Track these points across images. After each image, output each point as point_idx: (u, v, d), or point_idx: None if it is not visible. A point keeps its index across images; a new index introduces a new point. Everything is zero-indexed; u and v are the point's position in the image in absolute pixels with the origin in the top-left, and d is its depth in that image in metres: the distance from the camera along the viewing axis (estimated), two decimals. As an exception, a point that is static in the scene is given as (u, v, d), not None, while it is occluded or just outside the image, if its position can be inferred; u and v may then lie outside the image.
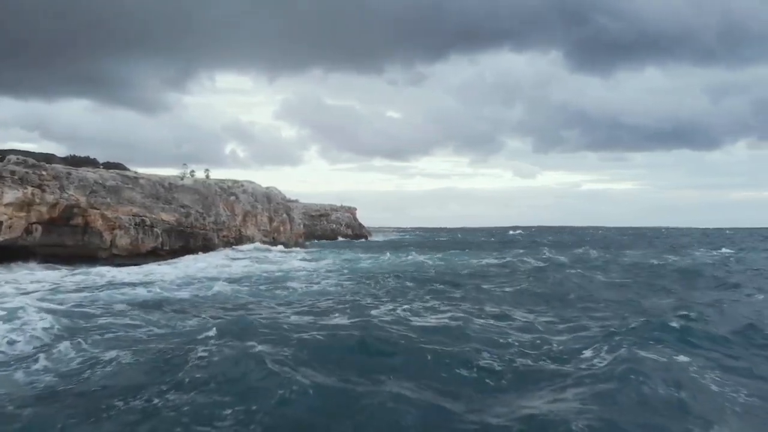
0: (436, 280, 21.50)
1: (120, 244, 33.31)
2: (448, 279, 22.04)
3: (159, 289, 18.91)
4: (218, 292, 18.18)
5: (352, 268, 28.05)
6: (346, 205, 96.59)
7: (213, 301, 16.70)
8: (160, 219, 35.35)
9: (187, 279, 22.65)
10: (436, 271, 26.44)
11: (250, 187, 40.40)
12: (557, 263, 30.37)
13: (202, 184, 38.03)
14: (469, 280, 21.91)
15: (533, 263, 30.00)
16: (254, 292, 18.71)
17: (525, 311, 14.40)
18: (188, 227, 36.47)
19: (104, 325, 12.01)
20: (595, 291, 18.65)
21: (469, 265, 29.47)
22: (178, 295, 17.85)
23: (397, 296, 16.70)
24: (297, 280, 22.07)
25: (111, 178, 33.92)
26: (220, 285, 19.45)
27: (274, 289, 19.13)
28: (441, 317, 12.80)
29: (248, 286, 19.95)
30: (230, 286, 19.49)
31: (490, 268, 27.64)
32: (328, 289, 19.33)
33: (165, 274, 24.76)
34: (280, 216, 41.77)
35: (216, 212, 38.03)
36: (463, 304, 15.08)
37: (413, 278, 21.65)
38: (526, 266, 28.62)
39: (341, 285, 20.36)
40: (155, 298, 16.89)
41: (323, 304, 15.45)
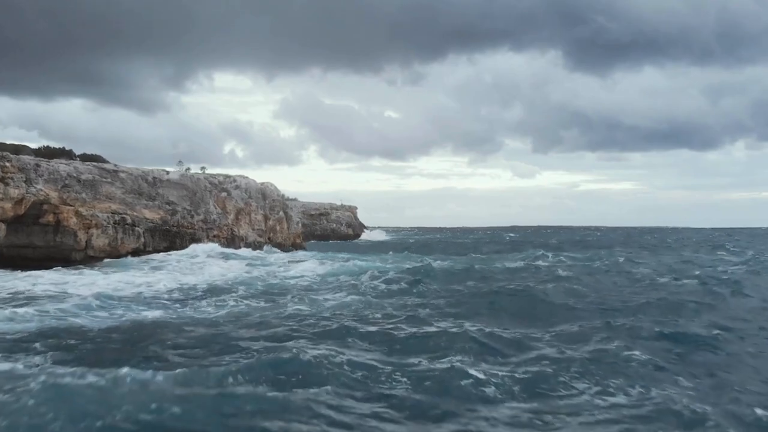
0: (507, 306, 15.21)
1: (97, 244, 29.84)
2: (524, 308, 15.07)
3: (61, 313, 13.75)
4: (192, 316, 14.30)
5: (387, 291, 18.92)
6: (347, 204, 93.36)
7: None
8: (142, 217, 31.90)
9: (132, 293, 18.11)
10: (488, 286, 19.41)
11: (243, 182, 36.96)
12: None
13: (191, 179, 34.58)
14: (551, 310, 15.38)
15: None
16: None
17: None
18: (174, 226, 33.02)
19: None
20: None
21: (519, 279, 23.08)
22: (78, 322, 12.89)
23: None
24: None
25: (87, 171, 30.44)
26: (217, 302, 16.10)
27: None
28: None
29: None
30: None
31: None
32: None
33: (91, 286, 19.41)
34: (277, 214, 38.34)
35: (206, 209, 34.59)
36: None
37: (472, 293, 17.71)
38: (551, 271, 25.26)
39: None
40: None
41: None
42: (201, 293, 18.46)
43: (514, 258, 32.78)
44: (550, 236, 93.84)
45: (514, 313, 13.98)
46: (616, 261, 30.06)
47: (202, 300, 16.90)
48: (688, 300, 15.56)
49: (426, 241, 78.08)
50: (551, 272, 24.16)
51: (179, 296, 17.78)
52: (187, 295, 18.09)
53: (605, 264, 28.45)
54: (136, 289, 19.00)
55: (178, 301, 16.86)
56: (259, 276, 23.50)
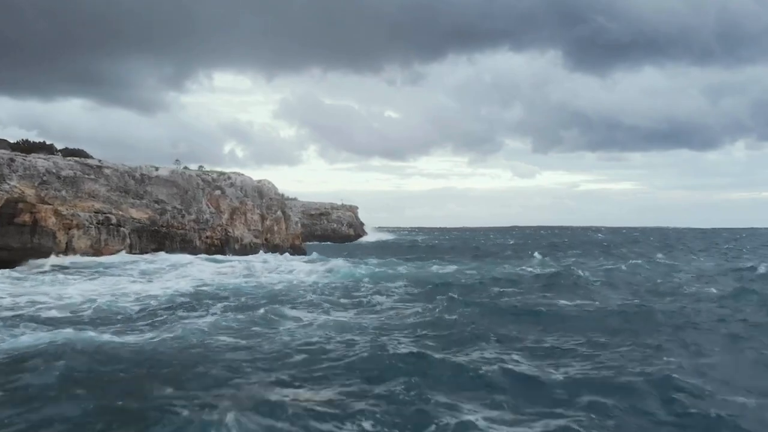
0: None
1: (78, 246, 27.56)
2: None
3: None
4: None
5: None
6: (347, 204, 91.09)
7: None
8: (129, 216, 29.60)
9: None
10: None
11: (238, 179, 34.62)
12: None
13: (182, 176, 32.25)
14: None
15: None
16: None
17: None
18: (164, 226, 30.72)
19: None
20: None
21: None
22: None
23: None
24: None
25: (68, 166, 28.13)
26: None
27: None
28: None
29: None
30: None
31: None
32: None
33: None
34: (274, 213, 36.01)
35: (198, 209, 32.27)
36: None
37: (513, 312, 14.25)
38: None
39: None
40: None
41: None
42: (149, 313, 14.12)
43: (542, 264, 29.99)
44: (555, 237, 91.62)
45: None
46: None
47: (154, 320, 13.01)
48: None
49: (430, 242, 75.78)
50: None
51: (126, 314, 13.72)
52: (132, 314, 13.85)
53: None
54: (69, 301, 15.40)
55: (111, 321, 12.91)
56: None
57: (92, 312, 13.92)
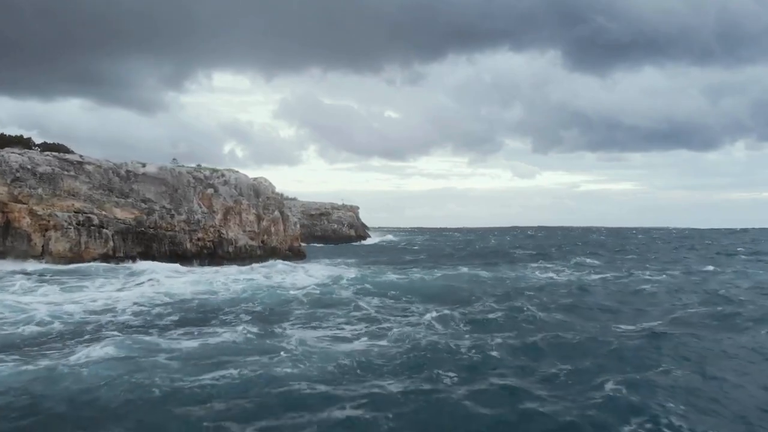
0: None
1: (55, 249, 25.21)
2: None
3: None
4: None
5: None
6: (348, 204, 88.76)
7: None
8: (112, 217, 27.25)
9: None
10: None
11: (232, 177, 32.25)
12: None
13: (171, 173, 29.89)
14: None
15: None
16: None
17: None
18: (151, 227, 28.36)
19: None
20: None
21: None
22: None
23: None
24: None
25: (45, 162, 25.78)
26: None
27: None
28: None
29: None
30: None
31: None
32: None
33: None
34: (272, 214, 33.64)
35: (188, 208, 29.91)
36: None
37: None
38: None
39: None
40: None
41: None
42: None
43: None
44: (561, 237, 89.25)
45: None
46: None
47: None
48: None
49: (432, 243, 73.42)
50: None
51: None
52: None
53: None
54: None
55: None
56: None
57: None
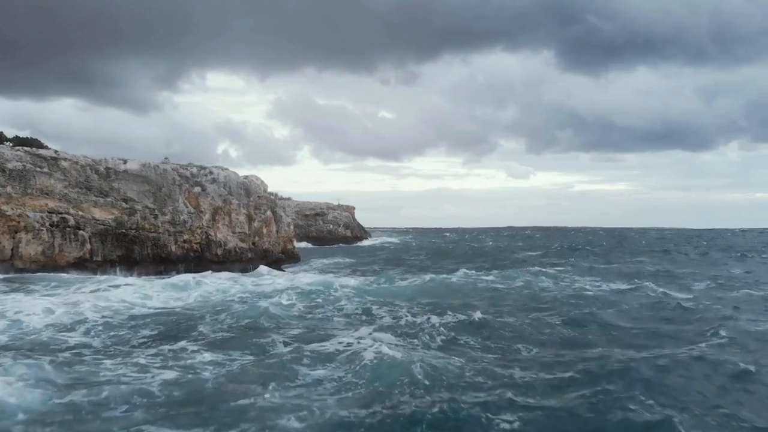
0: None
1: (26, 252, 23.14)
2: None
3: None
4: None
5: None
6: (344, 204, 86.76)
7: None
8: (90, 217, 25.18)
9: None
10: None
11: (221, 174, 30.21)
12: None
13: (155, 170, 27.82)
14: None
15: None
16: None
17: None
18: (132, 228, 26.30)
19: None
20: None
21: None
22: None
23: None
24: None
25: (15, 158, 23.70)
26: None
27: None
28: None
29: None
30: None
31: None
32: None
33: None
34: (263, 214, 31.61)
35: (174, 208, 27.87)
36: None
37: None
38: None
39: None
40: None
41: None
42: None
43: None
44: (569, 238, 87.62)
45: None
46: None
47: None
48: None
49: (435, 244, 71.54)
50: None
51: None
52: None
53: None
54: None
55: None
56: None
57: None
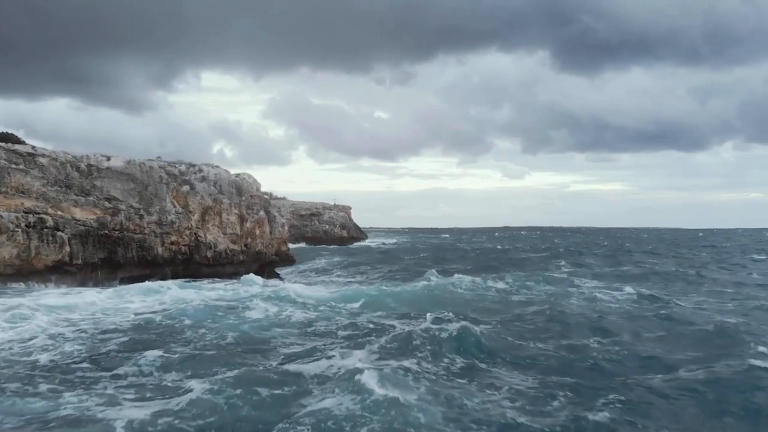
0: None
1: None
2: None
3: None
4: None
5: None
6: (340, 204, 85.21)
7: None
8: (70, 218, 23.54)
9: None
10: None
11: (211, 172, 28.60)
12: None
13: (140, 168, 26.18)
14: None
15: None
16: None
17: None
18: (116, 229, 24.67)
19: None
20: None
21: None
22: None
23: None
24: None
25: (-12, 153, 22.04)
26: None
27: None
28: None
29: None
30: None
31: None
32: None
33: None
34: (256, 214, 30.03)
35: (161, 208, 26.25)
36: None
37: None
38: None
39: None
40: None
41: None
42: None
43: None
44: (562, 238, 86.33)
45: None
46: None
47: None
48: None
49: (434, 245, 70.03)
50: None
51: None
52: None
53: None
54: None
55: None
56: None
57: None
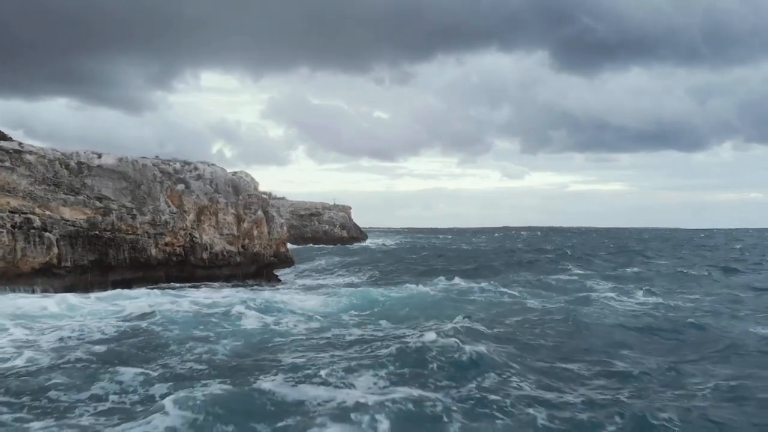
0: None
1: (-17, 258, 20.46)
2: None
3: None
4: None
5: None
6: (340, 204, 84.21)
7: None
8: (59, 218, 22.53)
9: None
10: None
11: (207, 171, 27.58)
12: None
13: (133, 166, 25.17)
14: None
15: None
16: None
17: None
18: (107, 230, 23.65)
19: None
20: None
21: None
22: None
23: None
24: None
25: (-29, 150, 21.03)
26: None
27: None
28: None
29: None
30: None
31: None
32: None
33: None
34: (254, 214, 29.00)
35: (154, 207, 25.24)
36: None
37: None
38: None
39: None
40: None
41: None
42: None
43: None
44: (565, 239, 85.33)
45: None
46: None
47: None
48: None
49: (436, 246, 68.97)
50: None
51: None
52: None
53: None
54: None
55: None
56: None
57: None
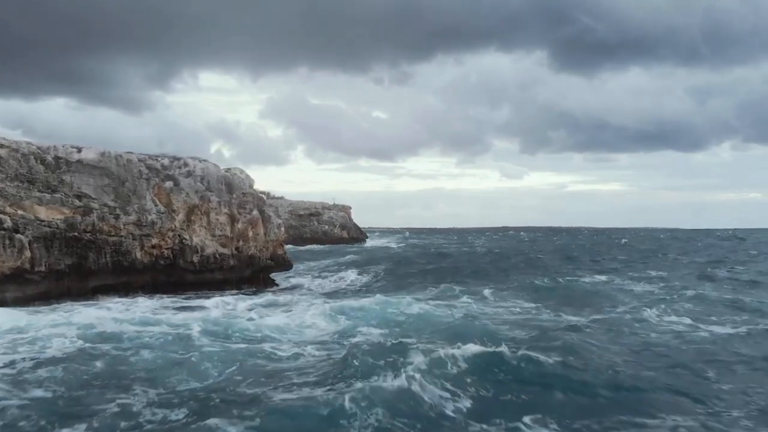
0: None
1: (-55, 262, 18.38)
2: None
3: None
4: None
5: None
6: (340, 203, 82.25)
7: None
8: (32, 218, 20.44)
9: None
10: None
11: (198, 167, 25.50)
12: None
13: (116, 161, 23.10)
14: None
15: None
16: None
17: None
18: (88, 231, 21.57)
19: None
20: None
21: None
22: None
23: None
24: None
25: (-67, 143, 18.96)
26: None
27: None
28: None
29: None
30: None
31: None
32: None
33: None
34: (249, 213, 26.92)
35: (140, 206, 23.16)
36: None
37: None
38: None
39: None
40: None
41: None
42: None
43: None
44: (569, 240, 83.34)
45: None
46: None
47: None
48: None
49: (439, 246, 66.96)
50: None
51: None
52: None
53: None
54: None
55: None
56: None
57: None
